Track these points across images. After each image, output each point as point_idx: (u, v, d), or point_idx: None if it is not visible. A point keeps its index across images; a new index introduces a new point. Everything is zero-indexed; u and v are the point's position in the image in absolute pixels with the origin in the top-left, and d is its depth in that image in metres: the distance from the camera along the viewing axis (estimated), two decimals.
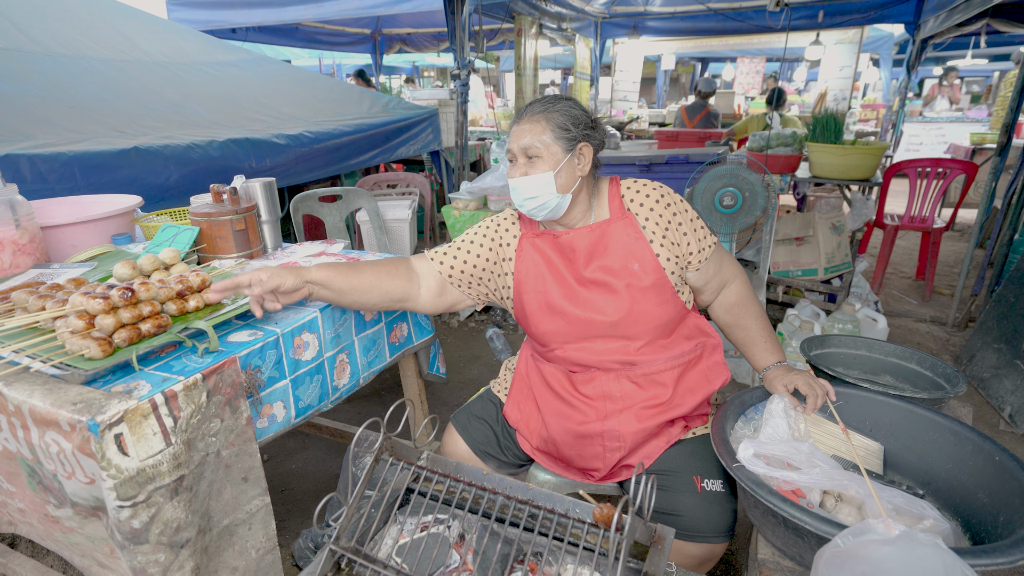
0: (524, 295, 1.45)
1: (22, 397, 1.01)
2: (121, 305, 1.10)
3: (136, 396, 1.00)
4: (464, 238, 1.54)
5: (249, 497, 1.24)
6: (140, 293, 1.13)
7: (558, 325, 1.41)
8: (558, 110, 1.32)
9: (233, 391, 1.16)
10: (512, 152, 1.36)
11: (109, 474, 0.97)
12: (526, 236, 1.47)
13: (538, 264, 1.44)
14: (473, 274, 1.50)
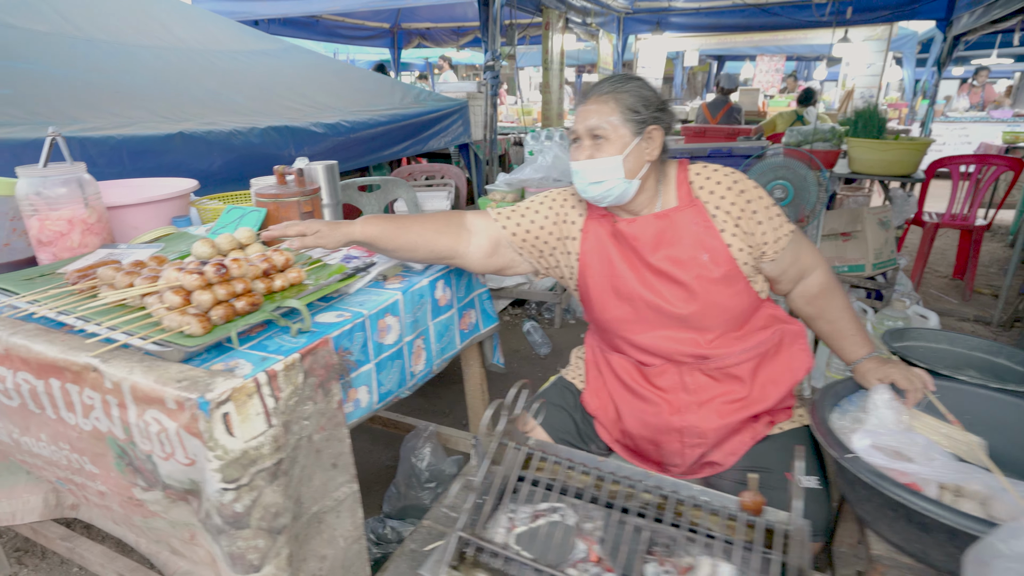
0: (589, 278, 1.41)
1: (122, 374, 0.98)
2: (216, 281, 1.06)
3: (240, 374, 0.96)
4: (529, 206, 1.49)
5: (338, 484, 1.20)
6: (233, 270, 1.09)
7: (625, 311, 1.37)
8: (628, 90, 1.27)
9: (326, 373, 1.12)
10: (577, 133, 1.31)
11: (216, 454, 0.94)
12: (592, 218, 1.42)
13: (605, 247, 1.39)
14: (535, 244, 1.46)
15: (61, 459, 1.26)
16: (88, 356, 1.03)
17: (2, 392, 1.20)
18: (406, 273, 1.47)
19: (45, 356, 1.07)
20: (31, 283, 1.29)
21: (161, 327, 1.02)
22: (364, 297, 1.31)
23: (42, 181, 1.43)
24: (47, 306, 1.11)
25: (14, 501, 1.68)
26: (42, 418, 1.19)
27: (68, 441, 1.19)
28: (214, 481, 0.97)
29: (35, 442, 1.27)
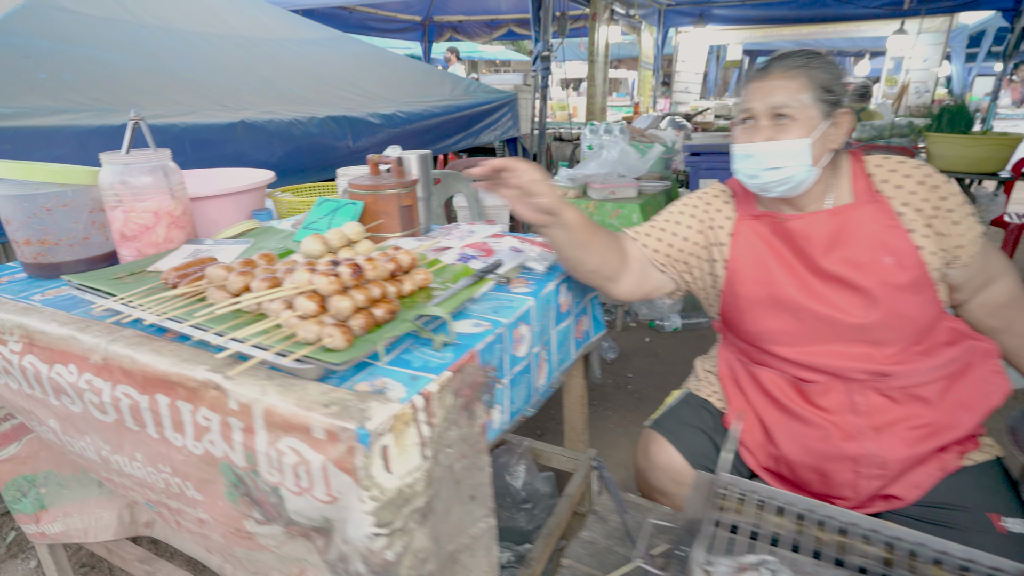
0: (740, 286, 1.25)
1: (253, 395, 0.83)
2: (351, 285, 0.91)
3: (393, 397, 0.81)
4: (667, 217, 1.36)
5: (474, 519, 1.05)
6: (368, 272, 0.94)
7: (786, 323, 1.20)
8: (820, 66, 1.12)
9: (472, 393, 0.96)
10: (751, 111, 1.15)
11: (370, 495, 0.79)
12: (743, 218, 1.27)
13: (759, 251, 1.24)
14: (679, 258, 1.33)
15: (157, 482, 1.12)
16: (206, 371, 0.88)
17: (95, 406, 1.06)
18: (527, 274, 1.31)
19: (154, 369, 0.93)
20: (122, 284, 1.16)
21: (293, 338, 0.86)
22: (492, 303, 1.15)
23: (127, 169, 1.29)
24: (153, 311, 0.97)
25: (87, 517, 1.55)
26: (141, 436, 1.05)
27: (170, 464, 1.04)
28: (364, 525, 0.81)
29: (128, 462, 1.14)
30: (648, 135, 3.78)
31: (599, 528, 1.23)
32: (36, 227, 1.30)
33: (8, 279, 1.37)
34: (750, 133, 1.16)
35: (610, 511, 1.28)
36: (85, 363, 1.04)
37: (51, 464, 1.52)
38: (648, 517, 1.24)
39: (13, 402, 1.26)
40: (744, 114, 1.17)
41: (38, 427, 1.29)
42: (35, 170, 1.27)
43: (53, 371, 1.10)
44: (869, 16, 6.01)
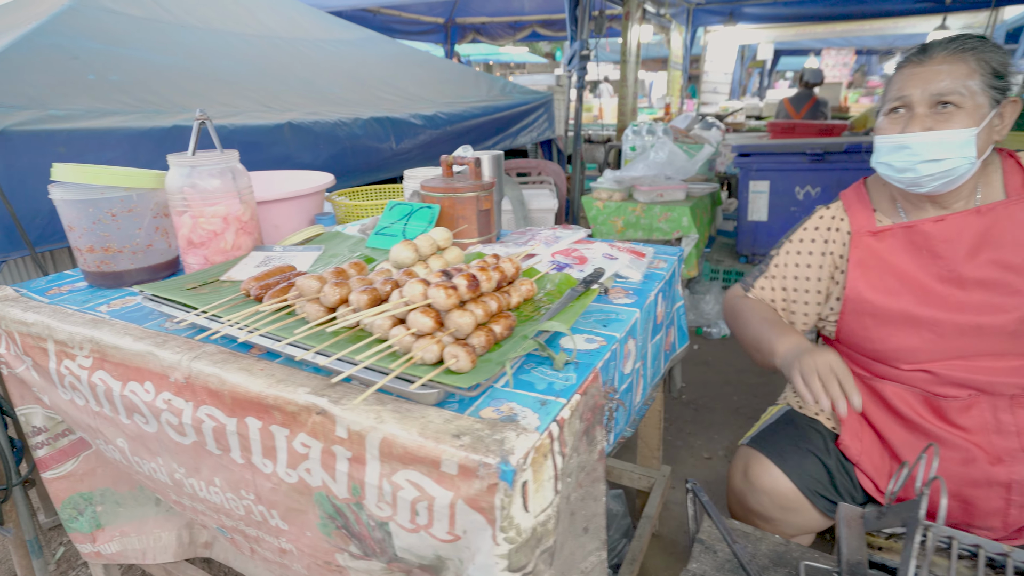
0: (864, 304, 1.17)
1: (367, 423, 0.74)
2: (468, 299, 0.82)
3: (529, 426, 0.72)
4: (786, 265, 1.31)
5: (586, 552, 0.95)
6: (483, 283, 0.85)
7: (923, 339, 1.10)
8: (991, 50, 1.03)
9: (593, 416, 0.87)
10: (907, 100, 1.06)
11: (506, 536, 0.69)
12: (861, 236, 1.18)
13: (885, 268, 1.16)
14: (797, 298, 1.30)
15: (237, 509, 1.03)
16: (308, 394, 0.79)
17: (173, 427, 0.99)
18: (620, 283, 1.22)
19: (245, 390, 0.85)
20: (197, 295, 1.08)
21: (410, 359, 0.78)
22: (598, 315, 1.06)
23: (196, 171, 1.22)
24: (242, 326, 0.89)
25: (145, 537, 1.47)
26: (223, 461, 0.97)
27: (255, 491, 0.96)
28: (493, 569, 0.72)
29: (204, 486, 1.06)
30: (692, 136, 3.67)
31: (708, 559, 1.12)
32: (100, 233, 1.23)
33: (69, 288, 1.30)
34: (903, 123, 1.06)
35: (716, 540, 1.17)
36: (164, 381, 0.96)
37: (108, 481, 1.45)
38: (759, 546, 1.15)
39: (78, 419, 1.19)
40: (896, 102, 1.07)
41: (103, 446, 1.21)
42: (101, 174, 1.20)
43: (127, 389, 1.02)
44: (908, 13, 5.84)
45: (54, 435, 1.39)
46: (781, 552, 1.13)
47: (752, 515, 1.30)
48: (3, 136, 1.52)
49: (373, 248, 1.33)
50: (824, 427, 1.27)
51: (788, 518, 1.25)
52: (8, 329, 1.19)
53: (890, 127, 1.09)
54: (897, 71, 1.11)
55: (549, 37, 8.49)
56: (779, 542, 1.16)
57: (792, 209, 3.12)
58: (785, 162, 3.09)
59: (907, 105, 1.06)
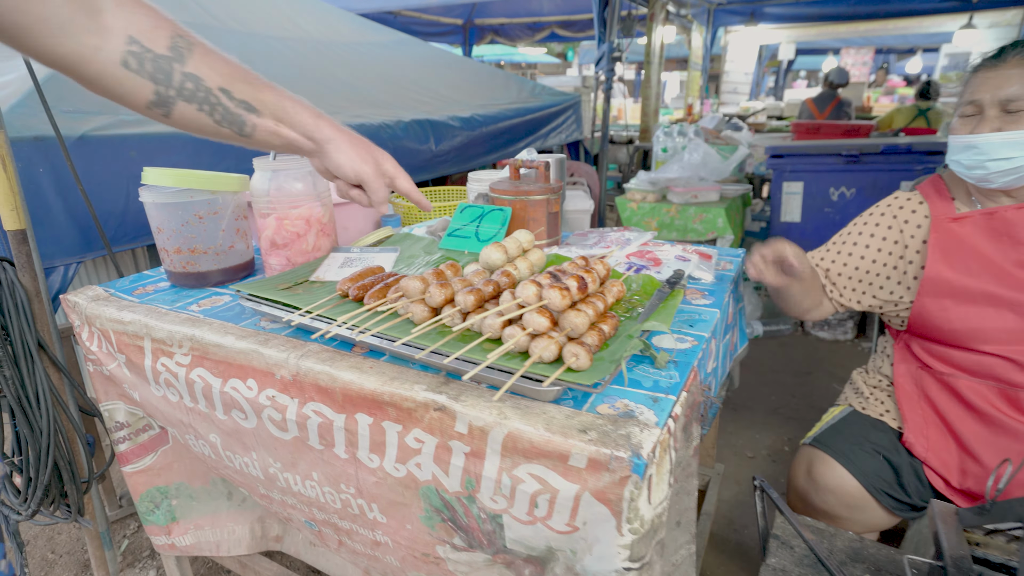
0: (943, 285, 1.20)
1: (490, 418, 0.77)
2: (579, 299, 0.85)
3: (649, 421, 0.75)
4: (847, 238, 1.35)
5: (678, 545, 0.98)
6: (590, 284, 0.88)
7: (1003, 319, 1.14)
8: None
9: (691, 413, 0.90)
10: (978, 103, 1.11)
11: (631, 528, 0.73)
12: (941, 220, 1.20)
13: (966, 250, 1.19)
14: (861, 278, 1.31)
15: (333, 502, 1.07)
16: (426, 391, 0.83)
17: (275, 423, 1.02)
18: (694, 283, 1.25)
19: (360, 388, 0.88)
20: (292, 295, 1.12)
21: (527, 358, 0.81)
22: (682, 316, 1.09)
23: (281, 175, 1.26)
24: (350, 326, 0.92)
25: (219, 530, 1.52)
26: (324, 456, 1.00)
27: (356, 485, 1.00)
28: (615, 559, 0.75)
29: (299, 480, 1.09)
30: (724, 137, 3.68)
31: (785, 554, 1.15)
32: (187, 235, 1.27)
33: (153, 288, 1.34)
34: (972, 124, 1.11)
35: (790, 535, 1.20)
36: (269, 378, 1.00)
37: (183, 476, 1.50)
38: (835, 542, 1.17)
39: (169, 414, 1.23)
40: (967, 106, 1.13)
41: (193, 441, 1.26)
42: (190, 177, 1.24)
43: (227, 386, 1.06)
44: (933, 11, 5.81)
45: (135, 430, 1.43)
46: (857, 548, 1.15)
47: (816, 513, 1.32)
48: (82, 141, 1.57)
49: (447, 249, 1.36)
50: (889, 426, 1.29)
51: (854, 516, 1.28)
52: (103, 327, 1.23)
53: (961, 128, 1.14)
54: (972, 74, 1.14)
55: (568, 38, 8.51)
56: (853, 538, 1.19)
57: (826, 210, 3.13)
58: (820, 163, 3.09)
59: (978, 107, 1.11)
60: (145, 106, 0.74)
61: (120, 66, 0.69)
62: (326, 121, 0.90)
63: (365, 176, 0.92)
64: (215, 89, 0.76)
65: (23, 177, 1.43)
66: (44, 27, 0.63)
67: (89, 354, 1.32)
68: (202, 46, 0.76)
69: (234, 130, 0.80)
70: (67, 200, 1.57)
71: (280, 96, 0.84)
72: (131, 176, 1.69)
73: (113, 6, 0.68)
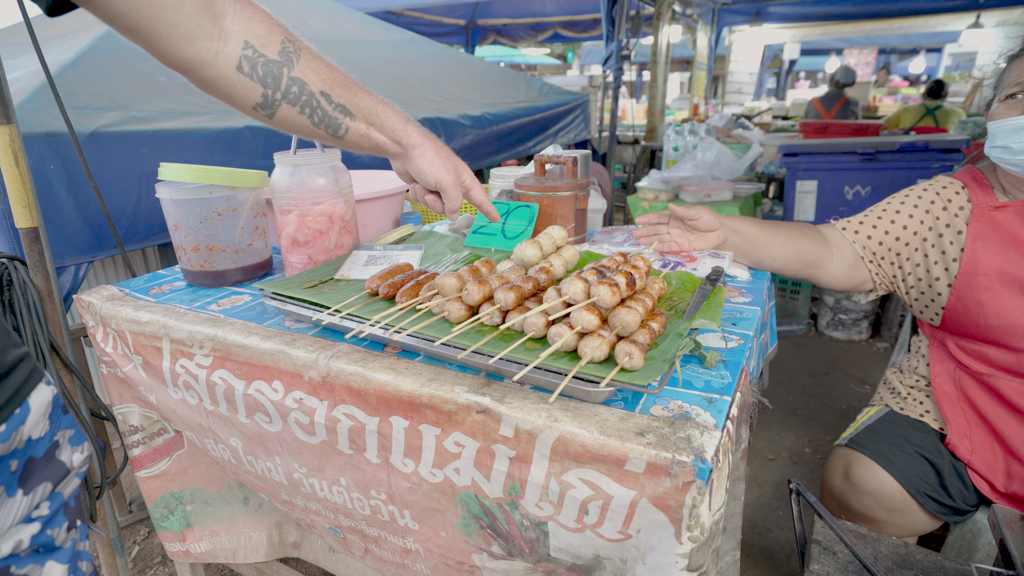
0: (979, 277, 1.16)
1: (540, 421, 0.73)
2: (627, 296, 0.81)
3: (707, 424, 0.71)
4: (887, 207, 1.30)
5: (724, 551, 0.94)
6: (637, 281, 0.84)
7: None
8: None
9: (739, 414, 0.86)
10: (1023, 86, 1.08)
11: (691, 536, 0.69)
12: (982, 209, 1.17)
13: (1008, 239, 1.15)
14: (893, 248, 1.27)
15: (361, 508, 1.03)
16: (468, 393, 0.79)
17: (302, 426, 0.98)
18: (731, 281, 1.21)
19: (395, 390, 0.84)
20: (319, 293, 1.08)
21: (576, 358, 0.77)
22: (735, 308, 1.05)
23: (303, 170, 1.22)
24: (384, 325, 0.88)
25: (235, 536, 1.48)
26: (353, 460, 0.96)
27: (388, 491, 0.96)
28: (671, 568, 0.71)
29: (326, 485, 1.05)
30: (736, 135, 3.65)
31: (829, 561, 1.11)
32: (206, 233, 1.23)
33: (169, 288, 1.30)
34: (1021, 107, 1.08)
35: (832, 541, 1.16)
36: (296, 380, 0.96)
37: (198, 481, 1.46)
38: (879, 547, 1.13)
39: (187, 418, 1.19)
40: (1015, 88, 1.09)
41: (212, 445, 1.22)
42: (209, 173, 1.20)
43: (251, 388, 1.02)
44: (940, 10, 5.79)
45: (150, 434, 1.39)
46: (903, 554, 1.11)
47: (854, 517, 1.29)
48: (93, 137, 1.53)
49: (473, 247, 1.33)
50: (930, 427, 1.25)
51: (894, 519, 1.24)
52: (119, 328, 1.19)
53: (1009, 112, 1.10)
54: (1013, 62, 1.12)
55: (570, 38, 8.48)
56: (898, 543, 1.15)
57: (841, 209, 3.10)
58: (834, 162, 3.06)
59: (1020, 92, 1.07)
60: (252, 107, 0.77)
61: (235, 70, 0.72)
62: (414, 127, 0.94)
63: (445, 183, 0.95)
64: (317, 93, 0.79)
65: (34, 174, 1.39)
66: (173, 32, 0.66)
67: (103, 356, 1.28)
68: (308, 50, 0.79)
69: (329, 132, 0.84)
70: (78, 198, 1.54)
71: (374, 100, 0.88)
72: (143, 173, 1.65)
73: (232, 11, 0.71)
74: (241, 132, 1.92)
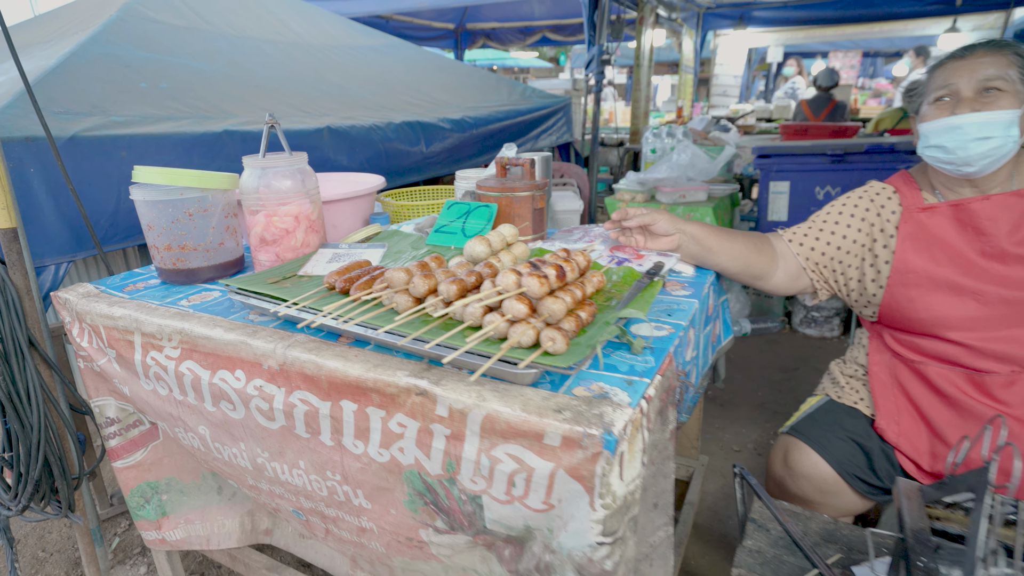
0: (909, 275, 1.24)
1: (470, 400, 0.80)
2: (557, 287, 0.88)
3: (622, 402, 0.78)
4: (827, 217, 1.36)
5: (656, 527, 1.01)
6: (568, 273, 0.91)
7: (967, 308, 1.18)
8: (1021, 50, 1.14)
9: (667, 397, 0.93)
10: (952, 88, 1.16)
11: (603, 503, 0.75)
12: (911, 211, 1.25)
13: (933, 239, 1.24)
14: (835, 256, 1.34)
15: (319, 490, 1.10)
16: (408, 376, 0.86)
17: (262, 412, 1.05)
18: (676, 276, 1.28)
19: (344, 375, 0.91)
20: (281, 288, 1.14)
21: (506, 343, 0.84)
22: (661, 306, 1.12)
23: (270, 172, 1.28)
24: (336, 316, 0.95)
25: (208, 524, 1.54)
26: (310, 444, 1.03)
27: (342, 471, 1.02)
28: (588, 534, 0.78)
29: (287, 469, 1.12)
30: (712, 138, 3.73)
31: (762, 537, 1.18)
32: (177, 232, 1.30)
33: (144, 285, 1.36)
34: (951, 107, 1.16)
35: (767, 519, 1.23)
36: (256, 369, 1.03)
37: (173, 471, 1.51)
38: (809, 524, 1.20)
39: (159, 408, 1.25)
40: (943, 91, 1.17)
41: (182, 434, 1.28)
42: (180, 175, 1.27)
43: (216, 377, 1.08)
44: (918, 15, 5.90)
45: (125, 426, 1.45)
46: (831, 530, 1.18)
47: (792, 499, 1.36)
48: (72, 141, 1.59)
49: (434, 245, 1.39)
50: (863, 414, 1.33)
51: (827, 501, 1.31)
52: (93, 323, 1.25)
53: (939, 113, 1.17)
54: (939, 67, 1.20)
55: (559, 42, 8.57)
56: (827, 520, 1.22)
57: (812, 209, 3.15)
58: (805, 163, 3.14)
59: (953, 93, 1.16)
60: None
61: None
62: None
63: None
64: None
65: (14, 177, 1.45)
66: None
67: (80, 350, 1.34)
68: None
69: None
70: (58, 200, 1.60)
71: None
72: (122, 176, 1.71)
73: None
74: (219, 136, 1.98)
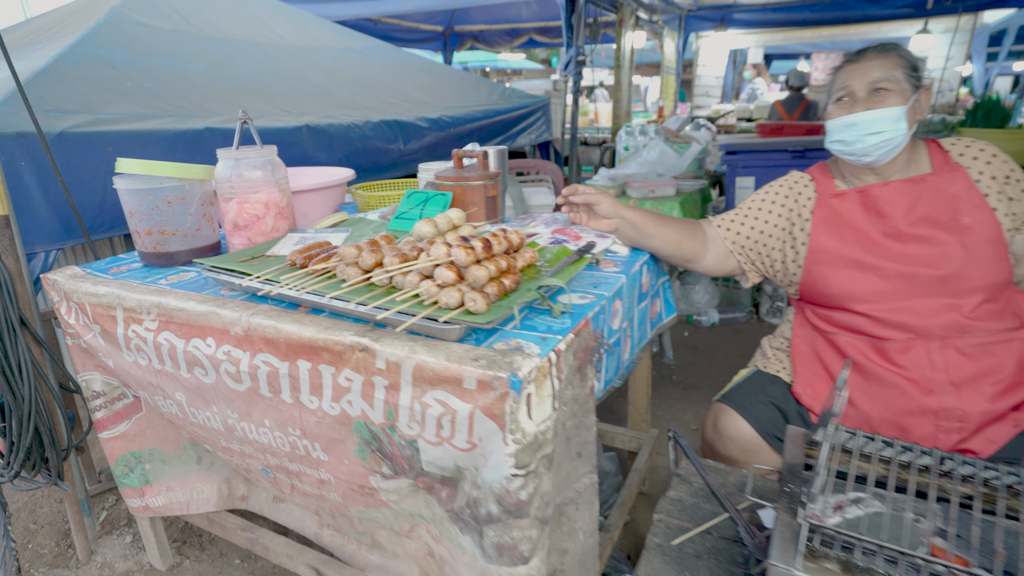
0: (823, 254, 1.39)
1: (403, 353, 0.93)
2: (483, 257, 1.01)
3: (532, 353, 0.91)
4: (752, 205, 1.50)
5: (580, 474, 1.14)
6: (495, 247, 1.04)
7: (870, 283, 1.32)
8: (906, 54, 1.30)
9: (585, 356, 1.06)
10: (848, 89, 1.31)
11: (514, 438, 0.88)
12: (824, 197, 1.40)
13: (842, 222, 1.38)
14: (759, 240, 1.48)
15: (283, 446, 1.22)
16: (353, 335, 0.98)
17: (231, 375, 1.17)
18: (610, 256, 1.41)
19: (299, 336, 1.03)
20: (250, 265, 1.26)
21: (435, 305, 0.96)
22: (590, 280, 1.25)
23: (242, 163, 1.41)
24: (293, 287, 1.08)
25: (188, 491, 1.66)
26: (273, 403, 1.15)
27: (301, 427, 1.15)
28: (504, 467, 0.91)
29: (254, 428, 1.24)
30: (683, 136, 3.87)
31: (684, 488, 1.31)
32: (157, 218, 1.42)
33: (127, 268, 1.48)
34: (848, 106, 1.30)
35: (691, 475, 1.36)
36: (225, 336, 1.15)
37: (156, 441, 1.63)
38: (728, 478, 1.33)
39: (140, 378, 1.37)
40: (841, 92, 1.32)
41: (161, 401, 1.40)
42: (159, 167, 1.39)
43: (190, 345, 1.20)
44: (891, 18, 6.07)
45: (111, 399, 1.57)
46: (746, 482, 1.31)
47: (721, 459, 1.49)
48: (61, 137, 1.71)
49: (394, 230, 1.52)
50: (783, 381, 1.46)
51: (751, 459, 1.44)
52: (80, 301, 1.38)
53: (840, 111, 1.32)
54: (839, 70, 1.35)
55: (545, 44, 8.71)
56: (744, 475, 1.35)
57: None
58: (769, 159, 3.29)
59: (850, 93, 1.30)
60: None
61: None
62: None
63: None
64: None
65: (6, 170, 1.57)
66: None
67: (68, 328, 1.46)
68: None
69: None
70: (48, 192, 1.71)
71: None
72: (108, 170, 1.83)
73: None
74: (201, 133, 2.10)
